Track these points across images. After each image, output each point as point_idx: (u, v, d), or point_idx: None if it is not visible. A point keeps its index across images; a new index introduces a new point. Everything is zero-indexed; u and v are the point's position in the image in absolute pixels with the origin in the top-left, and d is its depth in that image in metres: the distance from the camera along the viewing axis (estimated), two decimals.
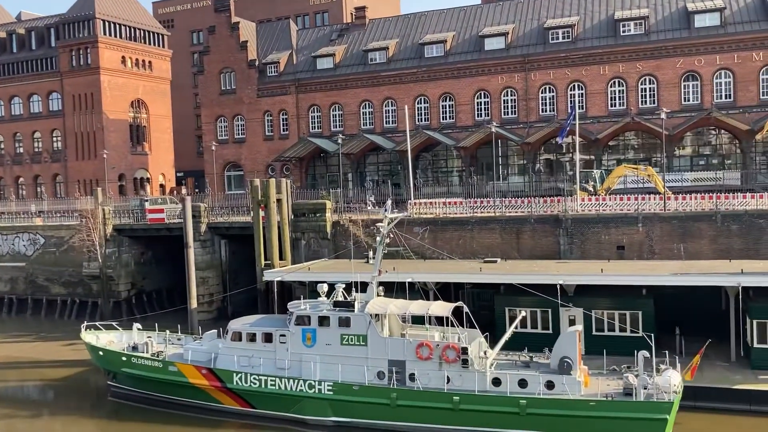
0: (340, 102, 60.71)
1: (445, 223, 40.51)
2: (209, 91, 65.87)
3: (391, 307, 27.51)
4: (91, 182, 71.74)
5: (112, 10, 73.68)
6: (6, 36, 77.39)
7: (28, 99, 75.77)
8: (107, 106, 71.78)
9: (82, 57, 71.86)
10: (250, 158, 64.35)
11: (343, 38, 64.03)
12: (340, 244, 42.40)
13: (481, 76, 55.68)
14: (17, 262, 53.38)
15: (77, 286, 50.62)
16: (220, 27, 65.50)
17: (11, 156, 77.02)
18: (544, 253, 37.86)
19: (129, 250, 50.00)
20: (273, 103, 63.16)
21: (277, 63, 63.26)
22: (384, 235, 28.29)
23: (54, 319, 50.18)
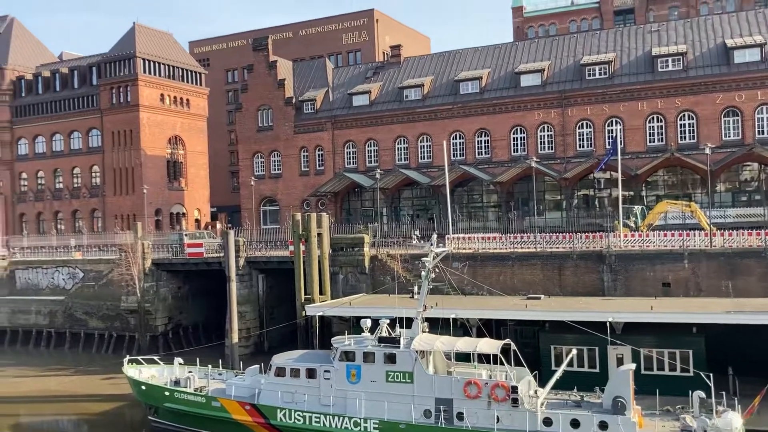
0: (375, 138, 61.17)
1: (484, 259, 40.18)
2: (247, 127, 66.86)
3: (437, 344, 27.14)
4: (129, 217, 72.70)
5: (152, 49, 75.57)
6: (50, 75, 79.62)
7: (69, 136, 77.53)
8: (146, 143, 73.11)
9: (122, 95, 73.55)
10: (285, 193, 64.85)
11: (379, 76, 64.79)
12: (378, 278, 42.29)
13: (517, 111, 55.78)
14: (56, 295, 54.00)
15: (115, 320, 50.90)
16: (258, 65, 66.72)
17: (51, 191, 78.56)
18: (587, 289, 37.26)
19: (167, 284, 50.37)
20: (309, 140, 63.85)
21: (314, 100, 64.12)
22: (429, 270, 28.08)
23: (91, 353, 50.43)
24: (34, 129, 79.42)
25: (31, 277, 55.94)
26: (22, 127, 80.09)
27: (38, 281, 55.51)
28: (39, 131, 79.10)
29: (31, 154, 79.89)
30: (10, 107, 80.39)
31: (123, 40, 75.90)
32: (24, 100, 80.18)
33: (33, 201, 79.54)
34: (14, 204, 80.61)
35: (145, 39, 75.72)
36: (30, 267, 56.27)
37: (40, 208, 79.19)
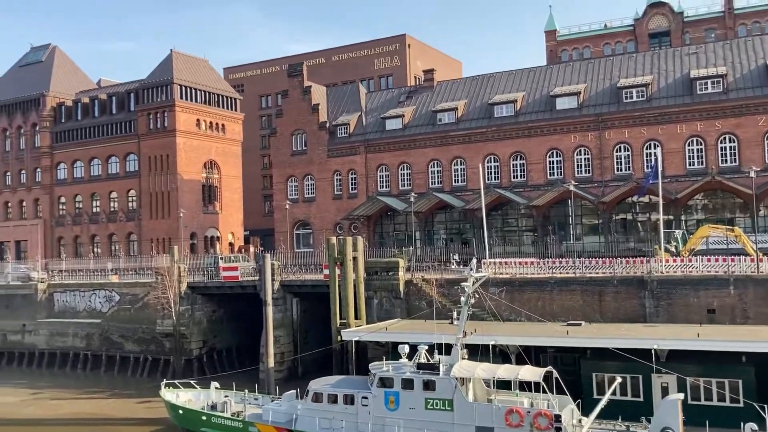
0: (408, 161, 61.11)
1: (522, 284, 39.51)
2: (281, 152, 67.39)
3: (478, 371, 26.61)
4: (164, 240, 73.49)
5: (188, 75, 76.90)
6: (89, 101, 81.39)
7: (106, 160, 78.93)
8: (181, 167, 74.09)
9: (159, 120, 74.80)
10: (319, 217, 65.00)
11: (412, 100, 64.95)
12: (413, 303, 41.83)
13: (553, 135, 55.31)
14: (93, 318, 54.45)
15: (150, 344, 51.03)
16: (292, 91, 67.41)
17: (88, 215, 79.84)
18: (628, 316, 36.36)
19: (202, 307, 50.47)
20: (342, 163, 64.07)
21: (347, 124, 64.45)
22: (469, 295, 27.66)
23: (126, 376, 50.56)
24: (73, 154, 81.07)
25: (68, 300, 56.59)
26: (61, 152, 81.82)
27: (76, 304, 56.12)
28: (78, 156, 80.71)
29: (69, 179, 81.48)
30: (50, 133, 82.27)
31: (160, 66, 77.39)
32: (64, 125, 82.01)
33: (71, 225, 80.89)
34: (53, 227, 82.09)
35: (181, 65, 77.14)
36: (68, 290, 56.96)
37: (78, 232, 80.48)
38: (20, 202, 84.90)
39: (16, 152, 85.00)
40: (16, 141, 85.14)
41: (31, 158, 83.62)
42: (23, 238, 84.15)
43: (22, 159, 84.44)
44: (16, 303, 58.39)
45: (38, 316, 56.79)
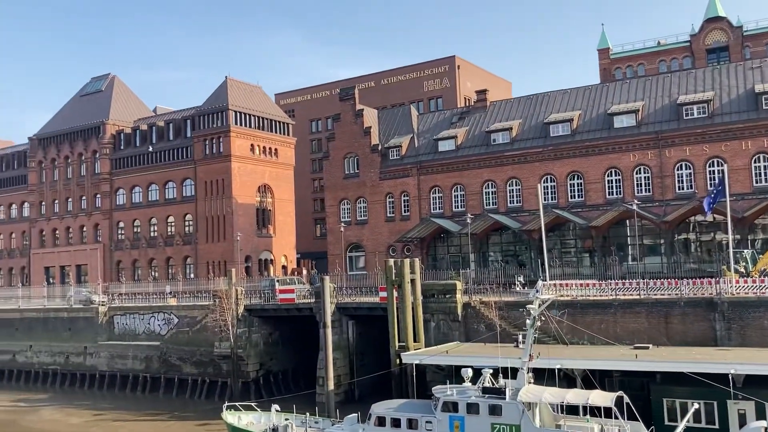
0: (462, 182, 60.65)
1: (584, 306, 38.48)
2: (334, 175, 67.78)
3: (545, 395, 25.87)
4: (220, 264, 74.50)
5: (243, 101, 78.38)
6: (147, 128, 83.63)
7: (164, 186, 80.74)
8: (236, 191, 75.24)
9: (215, 146, 76.29)
10: (371, 239, 64.93)
11: (464, 121, 64.66)
12: (471, 326, 41.17)
13: (611, 153, 54.19)
14: (152, 341, 55.22)
15: (208, 366, 51.37)
16: (344, 114, 67.94)
17: (146, 239, 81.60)
18: (696, 339, 34.98)
19: (258, 330, 50.69)
20: (395, 185, 64.00)
21: (399, 147, 64.51)
22: (535, 318, 27.02)
23: (185, 399, 50.95)
24: (131, 180, 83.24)
25: (128, 323, 57.62)
26: (120, 178, 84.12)
27: (135, 327, 57.08)
28: (136, 182, 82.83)
29: (128, 204, 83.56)
30: (110, 159, 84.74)
31: (216, 93, 79.08)
32: (122, 152, 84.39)
33: (129, 249, 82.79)
34: (112, 251, 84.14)
35: (236, 92, 78.69)
36: (128, 313, 58.04)
37: (136, 256, 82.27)
38: (81, 227, 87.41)
39: (77, 179, 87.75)
40: (77, 168, 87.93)
41: (91, 184, 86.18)
42: (83, 262, 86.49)
43: (82, 185, 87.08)
44: (78, 326, 59.84)
45: (99, 338, 57.95)
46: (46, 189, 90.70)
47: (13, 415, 49.12)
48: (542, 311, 27.63)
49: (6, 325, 64.51)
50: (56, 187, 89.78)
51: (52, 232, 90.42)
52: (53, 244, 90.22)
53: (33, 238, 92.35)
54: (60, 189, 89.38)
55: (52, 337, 60.73)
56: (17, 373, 61.89)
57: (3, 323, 64.80)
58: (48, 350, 60.46)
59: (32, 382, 60.19)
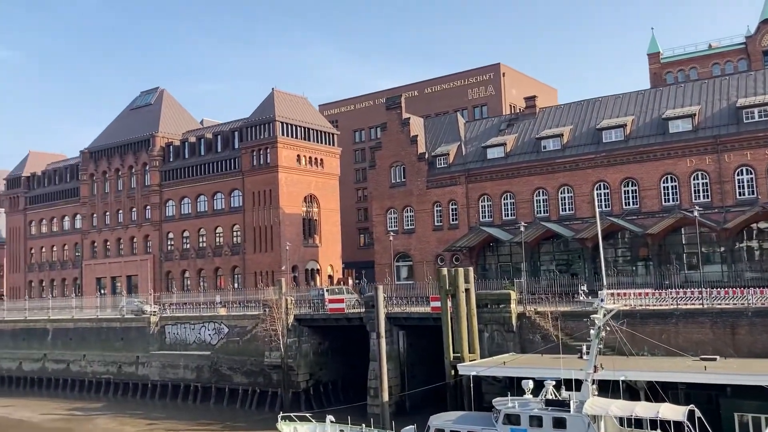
0: (511, 190, 59.72)
1: (644, 316, 37.27)
2: (380, 184, 67.50)
3: (612, 408, 24.94)
4: (267, 274, 74.81)
5: (289, 112, 78.84)
6: (195, 140, 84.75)
7: (212, 197, 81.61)
8: (283, 202, 75.59)
9: (262, 157, 76.84)
10: (419, 249, 64.36)
11: (513, 128, 63.77)
12: (526, 337, 40.27)
13: (666, 159, 52.67)
14: (203, 350, 55.46)
15: (258, 376, 51.34)
16: (390, 123, 67.68)
17: (195, 250, 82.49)
18: (766, 350, 33.49)
19: (308, 339, 50.50)
20: (442, 194, 63.37)
21: (447, 155, 63.89)
22: (600, 329, 26.13)
23: (235, 409, 50.96)
24: (180, 191, 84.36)
25: (179, 333, 58.01)
26: (169, 190, 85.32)
27: (186, 336, 57.42)
28: (185, 193, 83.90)
29: (177, 215, 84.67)
30: (159, 172, 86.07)
31: (263, 105, 79.74)
32: (172, 164, 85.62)
33: (178, 259, 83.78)
34: (161, 262, 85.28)
35: (282, 103, 79.23)
36: (179, 323, 58.45)
37: (185, 266, 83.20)
38: (131, 239, 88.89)
39: (127, 191, 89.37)
40: (127, 180, 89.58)
41: (141, 196, 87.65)
42: (134, 272, 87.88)
43: (133, 197, 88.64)
44: (130, 335, 60.56)
45: (151, 348, 58.49)
46: (98, 201, 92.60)
47: (69, 424, 49.89)
48: (607, 321, 26.69)
49: (61, 335, 65.74)
50: (107, 199, 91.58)
51: (104, 243, 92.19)
52: (104, 256, 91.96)
53: (85, 250, 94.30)
54: (111, 201, 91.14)
55: (105, 347, 61.59)
56: (71, 382, 62.86)
57: (58, 333, 66.06)
58: (101, 359, 61.29)
59: (86, 391, 61.02)
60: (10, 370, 67.73)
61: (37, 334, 67.42)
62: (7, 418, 53.48)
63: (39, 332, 67.41)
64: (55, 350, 65.08)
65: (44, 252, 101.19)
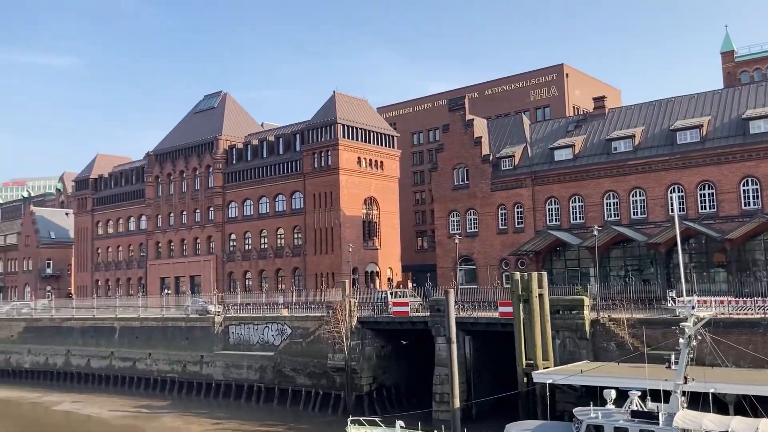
0: (580, 193, 58.00)
1: (727, 325, 35.35)
2: (442, 186, 66.58)
3: (705, 422, 23.52)
4: (327, 275, 74.83)
5: (350, 114, 78.79)
6: (258, 143, 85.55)
7: (274, 199, 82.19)
8: (344, 204, 75.51)
9: (323, 159, 76.95)
10: (482, 252, 63.17)
11: (581, 129, 62.00)
12: (600, 345, 38.83)
13: (747, 161, 50.21)
14: (266, 351, 55.54)
15: (321, 378, 51.08)
16: (453, 125, 66.73)
17: (257, 251, 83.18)
18: None
19: (371, 342, 50.00)
20: (507, 197, 62.04)
21: (512, 156, 62.55)
22: (691, 337, 24.72)
23: (298, 410, 50.82)
24: (243, 193, 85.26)
25: (243, 333, 58.30)
26: (232, 192, 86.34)
27: (249, 337, 57.67)
28: (247, 195, 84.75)
29: (239, 217, 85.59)
30: (222, 174, 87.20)
31: (324, 107, 79.90)
32: (235, 166, 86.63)
33: (240, 260, 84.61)
34: (224, 263, 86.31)
35: (343, 106, 79.23)
36: (242, 323, 58.76)
37: (247, 267, 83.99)
38: (195, 239, 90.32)
39: (191, 192, 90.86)
40: (191, 182, 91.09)
41: (205, 198, 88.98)
42: (197, 273, 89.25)
43: (197, 199, 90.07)
44: (195, 335, 61.22)
45: (215, 348, 58.98)
46: (162, 202, 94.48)
47: (136, 421, 50.65)
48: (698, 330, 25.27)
49: (127, 334, 67.02)
50: (172, 201, 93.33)
51: (168, 243, 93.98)
52: (168, 256, 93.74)
53: (149, 250, 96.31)
54: (175, 202, 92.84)
55: (170, 346, 62.38)
56: (137, 380, 63.92)
57: (124, 332, 67.38)
58: (166, 358, 62.10)
59: (151, 389, 61.87)
60: (79, 366, 69.44)
61: (105, 332, 68.94)
62: (77, 414, 54.79)
63: (107, 330, 68.92)
64: (122, 348, 66.34)
65: (110, 252, 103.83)
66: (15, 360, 75.98)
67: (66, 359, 70.81)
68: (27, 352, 74.85)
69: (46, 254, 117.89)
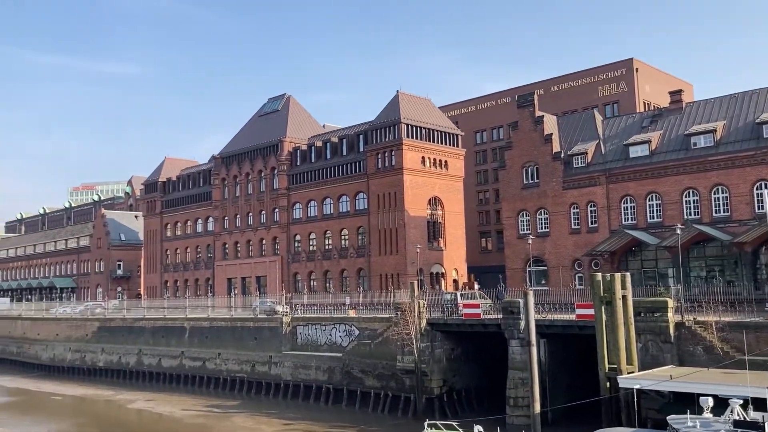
0: (657, 191, 55.64)
1: None
2: (511, 185, 65.06)
3: None
4: (392, 276, 74.25)
5: (414, 114, 78.05)
6: (321, 144, 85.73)
7: (338, 200, 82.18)
8: (408, 204, 74.78)
9: (387, 159, 76.44)
10: (554, 253, 61.36)
11: (657, 124, 59.53)
12: (685, 349, 36.88)
13: None
14: (334, 352, 55.32)
15: (390, 380, 50.43)
16: (522, 122, 65.13)
17: (321, 252, 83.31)
18: None
19: (441, 345, 49.12)
20: (580, 195, 60.08)
21: (584, 154, 60.56)
22: None
23: (367, 412, 50.27)
24: (307, 194, 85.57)
25: (310, 333, 58.24)
26: (297, 193, 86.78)
27: (317, 337, 57.56)
28: (312, 196, 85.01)
29: (304, 218, 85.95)
30: (287, 175, 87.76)
31: (388, 107, 79.39)
32: (299, 168, 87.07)
33: (305, 261, 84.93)
34: (289, 264, 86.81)
35: (407, 105, 78.56)
36: (310, 323, 58.69)
37: (311, 268, 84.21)
38: (260, 240, 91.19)
39: (257, 194, 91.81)
40: (257, 184, 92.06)
41: (270, 199, 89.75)
42: (263, 273, 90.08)
43: (262, 200, 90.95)
44: (263, 335, 61.50)
45: (283, 348, 59.09)
46: (229, 204, 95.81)
47: (208, 420, 51.03)
48: None
49: (197, 334, 67.93)
50: (238, 203, 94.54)
51: (234, 245, 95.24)
52: (235, 257, 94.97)
53: (216, 251, 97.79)
54: (241, 204, 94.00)
55: (239, 346, 62.86)
56: (207, 380, 64.62)
57: (194, 331, 68.32)
58: (235, 358, 62.58)
59: (221, 389, 62.41)
60: (150, 365, 70.81)
61: (175, 332, 70.08)
62: (151, 412, 55.68)
63: (177, 330, 70.04)
64: (192, 348, 67.25)
65: (178, 253, 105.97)
66: (89, 358, 78.20)
67: (138, 358, 72.36)
68: (101, 351, 76.93)
69: (116, 256, 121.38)
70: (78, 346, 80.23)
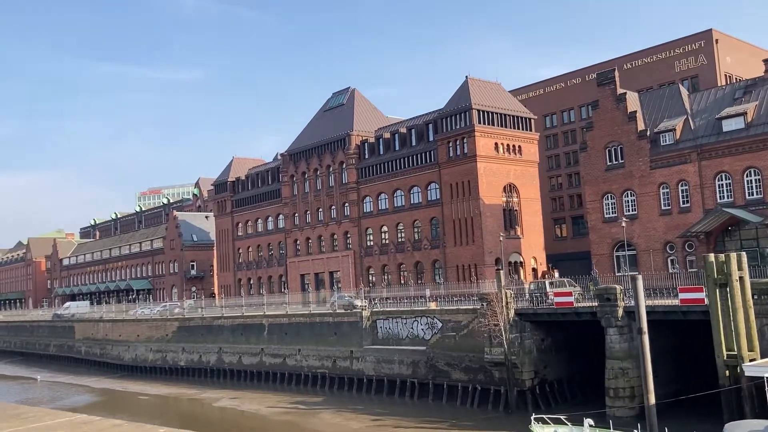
0: (756, 166, 52.13)
1: None
2: (593, 168, 62.24)
3: None
4: (469, 267, 72.43)
5: (485, 99, 75.86)
6: (390, 136, 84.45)
7: (409, 191, 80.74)
8: (483, 192, 72.75)
9: (459, 147, 74.55)
10: (643, 236, 58.36)
11: (751, 95, 55.79)
12: None
13: None
14: (417, 345, 54.01)
15: (478, 373, 48.82)
16: (603, 101, 62.16)
17: (394, 244, 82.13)
18: None
19: (531, 335, 47.24)
20: (669, 174, 56.92)
21: (673, 130, 57.31)
22: None
23: (456, 406, 48.76)
24: (376, 187, 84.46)
25: (391, 327, 57.06)
26: (366, 186, 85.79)
27: (398, 331, 56.33)
28: (381, 189, 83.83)
29: (375, 211, 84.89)
30: (356, 169, 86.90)
31: (457, 94, 77.44)
32: (367, 161, 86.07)
33: (378, 254, 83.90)
34: (361, 257, 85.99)
35: (477, 91, 76.44)
36: (390, 317, 57.47)
37: (385, 261, 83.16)
38: (332, 236, 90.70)
39: (326, 189, 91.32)
40: (325, 179, 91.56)
41: (339, 194, 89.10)
42: (336, 268, 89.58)
43: (331, 195, 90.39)
44: (343, 330, 60.69)
45: (364, 342, 58.08)
46: (298, 201, 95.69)
47: (294, 417, 50.48)
48: None
49: (276, 330, 67.72)
50: (307, 199, 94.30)
51: (306, 241, 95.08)
52: (307, 253, 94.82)
53: (288, 248, 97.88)
54: (311, 200, 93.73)
55: (318, 341, 62.24)
56: (288, 376, 64.26)
57: (273, 328, 68.14)
58: (315, 354, 62.02)
59: (302, 385, 61.93)
60: (231, 363, 71.06)
61: (254, 329, 70.07)
62: (236, 410, 55.57)
63: (256, 327, 70.02)
64: (272, 345, 67.07)
65: (250, 251, 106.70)
66: (171, 358, 79.20)
67: (218, 356, 72.77)
68: (181, 350, 77.79)
69: (189, 256, 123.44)
70: (159, 346, 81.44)
